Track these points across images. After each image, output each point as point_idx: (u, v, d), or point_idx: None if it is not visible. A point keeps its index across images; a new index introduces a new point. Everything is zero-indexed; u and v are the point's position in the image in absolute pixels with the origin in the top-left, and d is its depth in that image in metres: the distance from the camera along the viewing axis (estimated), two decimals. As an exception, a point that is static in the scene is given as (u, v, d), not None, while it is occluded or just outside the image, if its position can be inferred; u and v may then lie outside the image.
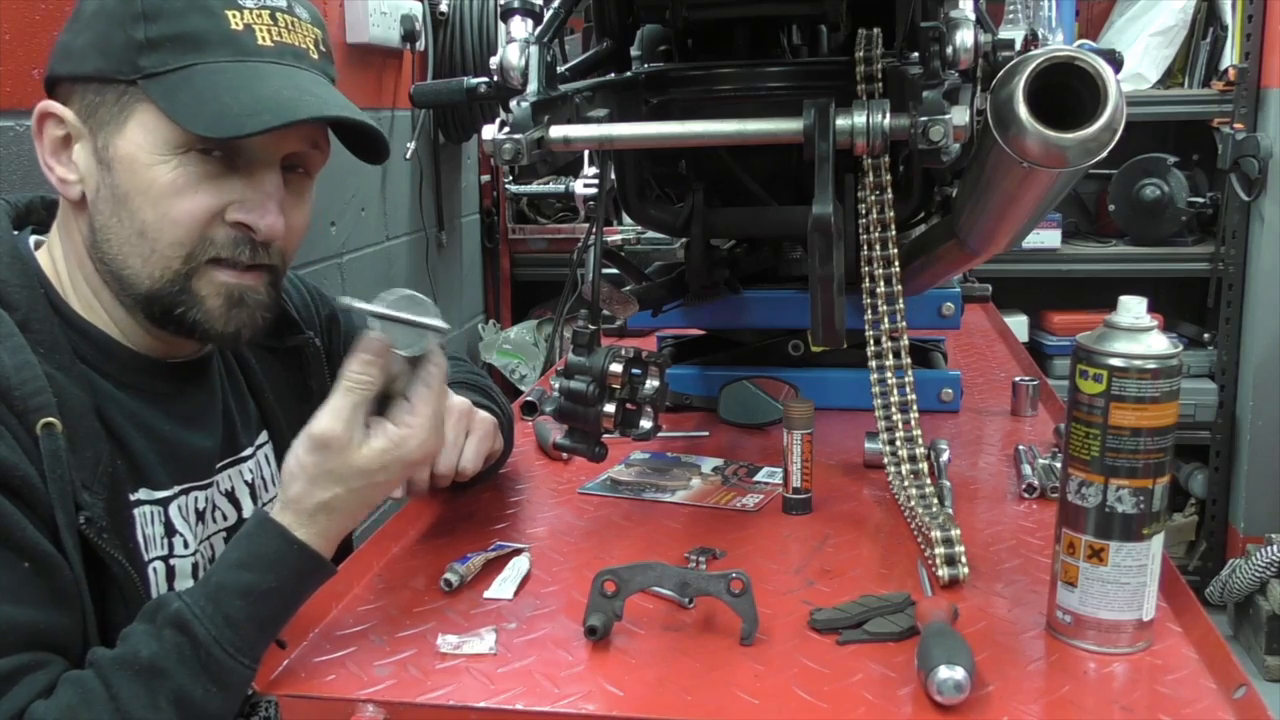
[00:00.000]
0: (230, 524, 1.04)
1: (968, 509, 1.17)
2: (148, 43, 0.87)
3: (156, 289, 0.92)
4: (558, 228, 3.52)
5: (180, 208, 0.90)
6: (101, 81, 0.89)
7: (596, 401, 1.09)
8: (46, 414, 0.84)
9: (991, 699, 0.80)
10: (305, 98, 0.91)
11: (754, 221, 1.46)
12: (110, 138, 0.90)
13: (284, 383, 1.14)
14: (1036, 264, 3.28)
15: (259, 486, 1.09)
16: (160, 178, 0.89)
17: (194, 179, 0.90)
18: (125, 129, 0.89)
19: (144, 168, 0.89)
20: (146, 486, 0.95)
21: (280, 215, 0.93)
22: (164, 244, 0.90)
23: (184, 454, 0.99)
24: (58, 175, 0.92)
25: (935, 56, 1.07)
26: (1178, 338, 3.26)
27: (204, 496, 1.01)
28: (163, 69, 0.88)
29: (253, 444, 1.10)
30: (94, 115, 0.90)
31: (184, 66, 0.88)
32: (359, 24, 2.49)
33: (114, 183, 0.90)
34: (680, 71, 1.34)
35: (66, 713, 0.76)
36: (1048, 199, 1.00)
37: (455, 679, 0.85)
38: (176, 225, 0.90)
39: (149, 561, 0.94)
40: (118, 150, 0.90)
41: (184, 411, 1.00)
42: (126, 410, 0.94)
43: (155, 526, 0.95)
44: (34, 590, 0.81)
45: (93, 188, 0.91)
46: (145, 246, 0.91)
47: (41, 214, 1.01)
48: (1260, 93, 3.06)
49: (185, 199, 0.90)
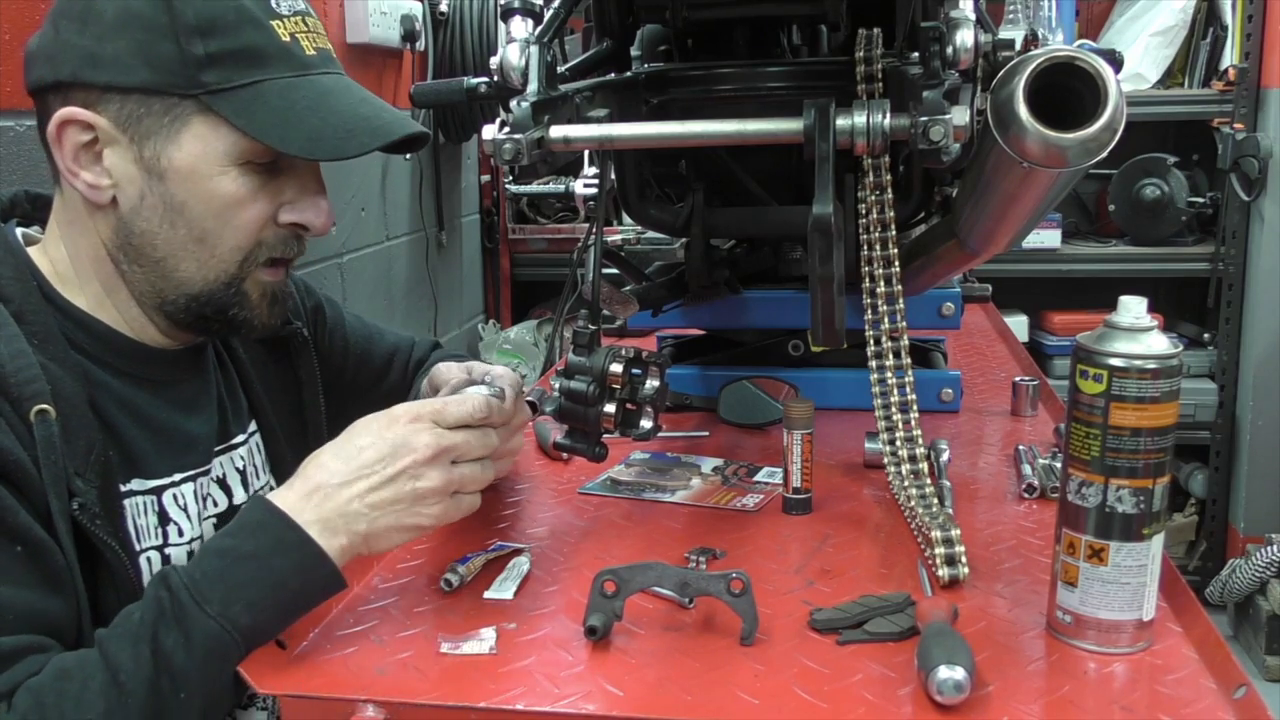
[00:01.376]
0: (221, 510, 1.05)
1: (968, 509, 1.17)
2: (208, 58, 0.89)
3: (208, 290, 0.96)
4: (558, 228, 3.52)
5: (242, 217, 0.95)
6: (147, 93, 0.90)
7: (597, 401, 1.09)
8: (40, 401, 0.85)
9: (991, 699, 0.80)
10: (383, 115, 0.97)
11: (754, 221, 1.46)
12: (161, 148, 0.91)
13: (272, 372, 1.16)
14: (1036, 264, 3.29)
15: (250, 474, 1.10)
16: (221, 189, 0.93)
17: (253, 188, 0.94)
18: (180, 140, 0.91)
19: (204, 179, 0.92)
20: (139, 477, 0.96)
21: (331, 210, 1.00)
22: (224, 249, 0.95)
23: (183, 440, 1.01)
24: (85, 180, 0.93)
25: (935, 56, 1.07)
26: (1178, 338, 3.26)
27: (206, 483, 1.03)
28: (228, 85, 0.90)
29: (244, 431, 1.11)
30: (137, 124, 0.91)
31: (251, 83, 0.91)
32: (359, 24, 2.49)
33: (168, 192, 0.92)
34: (680, 71, 1.34)
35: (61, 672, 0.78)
36: (1048, 199, 1.00)
37: (455, 679, 0.85)
38: (238, 232, 0.95)
39: (141, 551, 0.95)
40: (173, 161, 0.91)
41: (181, 398, 1.02)
42: (122, 399, 0.96)
43: (148, 517, 0.96)
44: (27, 574, 0.82)
45: (134, 194, 0.93)
46: (204, 252, 0.95)
47: (26, 207, 1.03)
48: (1260, 93, 3.06)
49: (246, 208, 0.94)
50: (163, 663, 0.79)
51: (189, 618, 0.80)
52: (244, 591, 0.83)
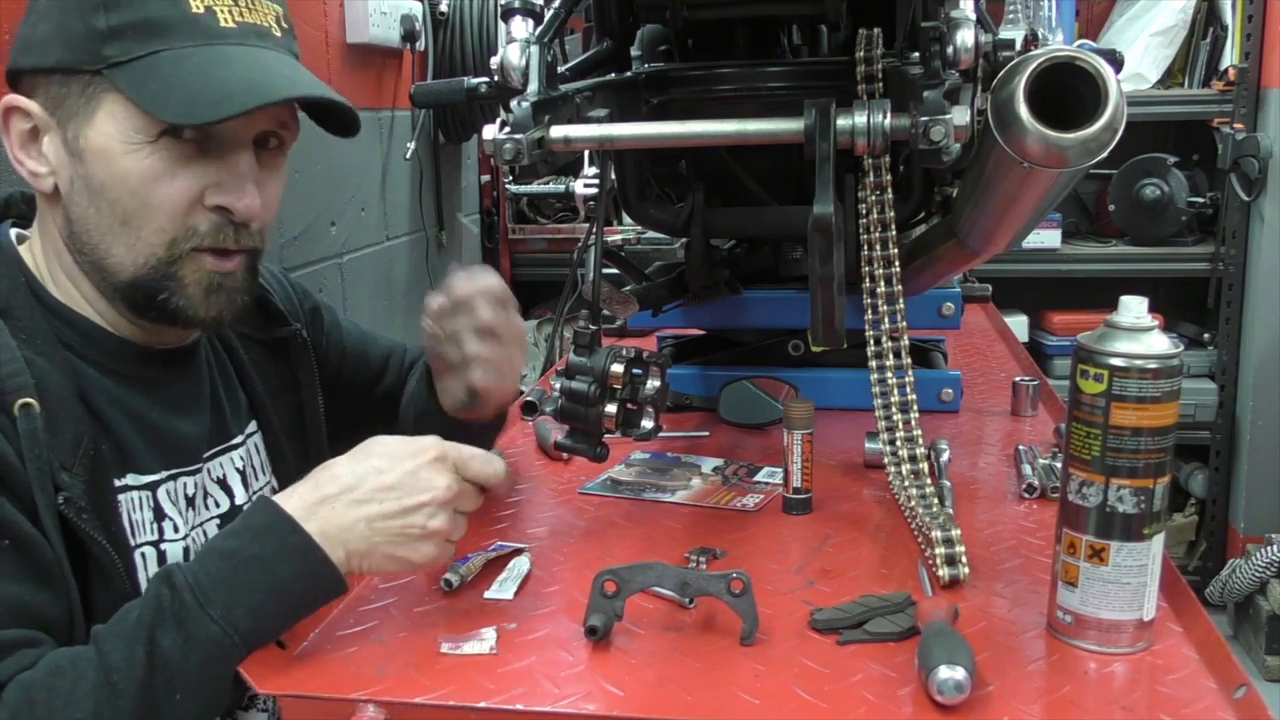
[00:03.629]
0: (223, 511, 1.05)
1: (968, 509, 1.17)
2: (110, 31, 0.88)
3: (139, 276, 0.93)
4: (558, 228, 3.52)
5: (159, 194, 0.91)
6: (65, 73, 0.90)
7: (598, 402, 1.09)
8: (24, 394, 0.85)
9: (991, 699, 0.80)
10: (274, 79, 0.92)
11: (754, 221, 1.46)
12: (80, 129, 0.90)
13: (272, 373, 1.16)
14: (1036, 264, 3.28)
15: (250, 474, 1.10)
16: (135, 166, 0.90)
17: (169, 164, 0.91)
18: (94, 119, 0.90)
19: (118, 157, 0.90)
20: (134, 471, 0.96)
21: (257, 195, 0.95)
22: (148, 231, 0.92)
23: (171, 439, 1.00)
24: (28, 169, 0.93)
25: (936, 56, 1.07)
26: (1178, 338, 3.26)
27: (193, 482, 1.02)
28: (127, 57, 0.88)
29: (243, 432, 1.11)
30: (61, 107, 0.90)
31: (149, 54, 0.88)
32: (359, 24, 2.49)
33: (88, 173, 0.91)
34: (680, 71, 1.34)
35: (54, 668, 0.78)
36: (1048, 199, 1.00)
37: (455, 679, 0.85)
38: (158, 211, 0.91)
39: (136, 547, 0.94)
40: (89, 141, 0.90)
41: (170, 398, 1.01)
42: (111, 395, 0.95)
43: (143, 512, 0.96)
44: (14, 568, 0.82)
45: (66, 179, 0.92)
46: (130, 235, 0.92)
47: (21, 207, 1.02)
48: (1260, 93, 3.06)
49: (163, 185, 0.91)
50: (158, 663, 0.79)
51: (191, 619, 0.80)
52: (248, 595, 0.83)
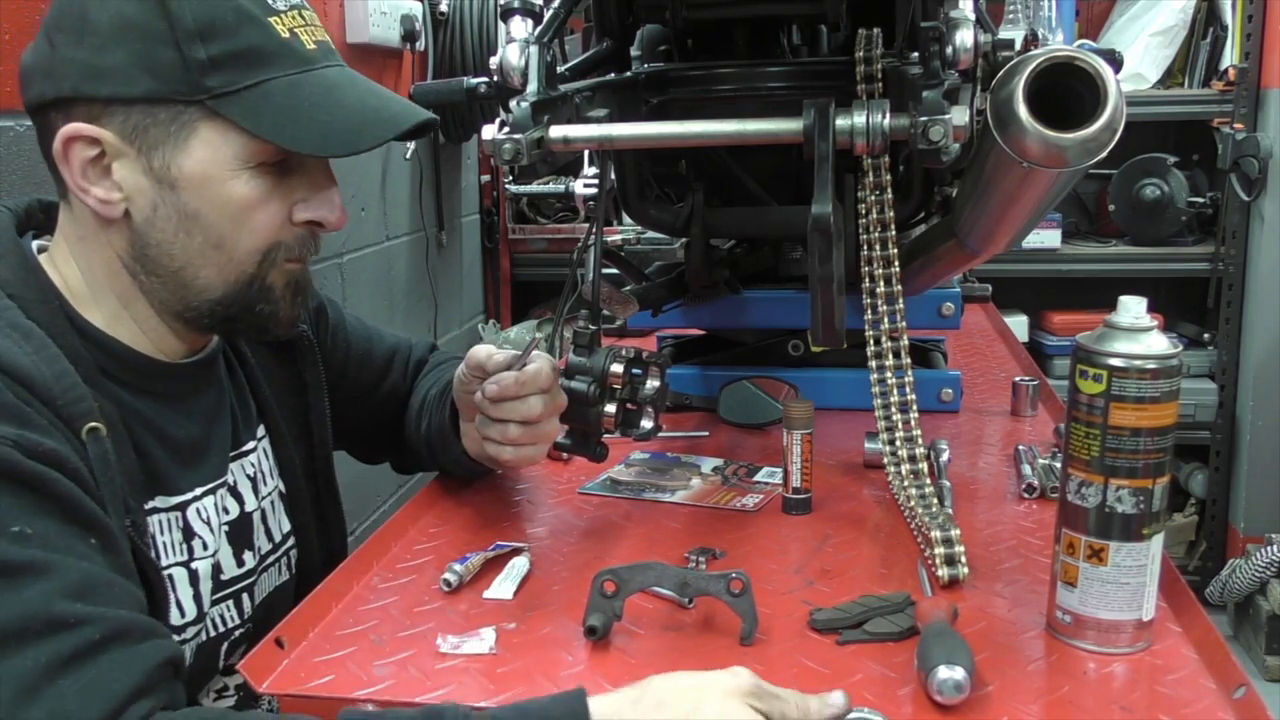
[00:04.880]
0: (233, 517, 1.04)
1: (968, 509, 1.17)
2: (210, 62, 0.88)
3: (231, 293, 0.95)
4: (558, 228, 3.52)
5: (258, 219, 0.93)
6: (151, 102, 0.89)
7: (597, 402, 1.09)
8: (91, 419, 0.84)
9: (991, 699, 0.80)
10: (392, 106, 0.96)
11: (754, 221, 1.46)
12: (171, 157, 0.90)
13: (279, 376, 1.15)
14: (1036, 264, 3.28)
15: (259, 480, 1.10)
16: (235, 193, 0.91)
17: (266, 190, 0.93)
18: (189, 148, 0.90)
19: (217, 185, 0.91)
20: (162, 494, 0.95)
21: (342, 208, 0.99)
22: (241, 253, 0.94)
23: (202, 453, 1.01)
24: (96, 196, 0.91)
25: (935, 56, 1.07)
26: (1178, 338, 3.26)
27: (223, 494, 1.03)
28: (233, 88, 0.89)
29: (254, 437, 1.10)
30: (144, 135, 0.89)
31: (256, 84, 0.89)
32: (359, 24, 2.49)
33: (181, 201, 0.91)
34: (680, 71, 1.34)
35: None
36: (1048, 199, 1.00)
37: (455, 679, 0.85)
38: (254, 235, 0.94)
39: (165, 569, 0.94)
40: (183, 170, 0.90)
41: (198, 410, 1.02)
42: (143, 418, 0.95)
43: (172, 534, 0.96)
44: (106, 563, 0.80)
45: (146, 205, 0.91)
46: (222, 257, 0.94)
47: (40, 217, 1.01)
48: (1260, 93, 3.06)
49: (261, 211, 0.93)
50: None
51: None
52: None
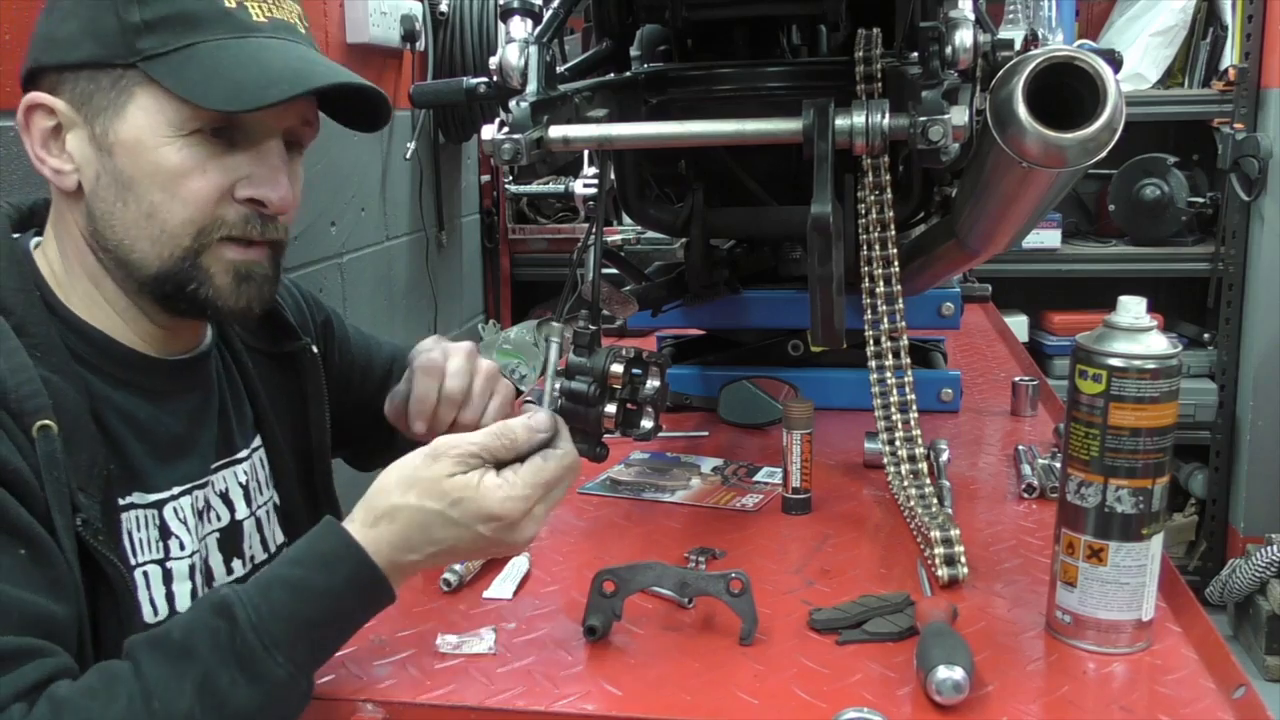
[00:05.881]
0: (223, 525, 1.04)
1: (967, 509, 1.17)
2: (144, 25, 0.88)
3: (166, 268, 0.93)
4: (558, 228, 3.52)
5: (190, 188, 0.91)
6: (95, 68, 0.89)
7: (598, 402, 1.08)
8: (42, 416, 0.83)
9: (991, 699, 0.80)
10: (315, 67, 0.93)
11: (754, 221, 1.46)
12: (110, 123, 0.90)
13: (279, 387, 1.14)
14: (1036, 264, 3.28)
15: (253, 489, 1.08)
16: (167, 159, 0.90)
17: (201, 158, 0.91)
18: (125, 113, 0.90)
19: (149, 150, 0.90)
20: (139, 490, 0.95)
21: (289, 186, 0.95)
22: (174, 224, 0.91)
23: (182, 452, 0.99)
24: (51, 166, 0.92)
25: (935, 56, 1.07)
26: (1178, 338, 3.26)
27: (202, 496, 1.01)
28: (164, 49, 0.88)
29: (248, 446, 1.09)
30: (89, 102, 0.90)
31: (185, 46, 0.89)
32: (359, 24, 2.49)
33: (116, 168, 0.90)
34: (680, 71, 1.34)
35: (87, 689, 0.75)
36: (1047, 199, 1.00)
37: (455, 679, 0.85)
38: (187, 205, 0.91)
39: (138, 565, 0.93)
40: (119, 135, 0.90)
41: (182, 409, 1.00)
42: (122, 411, 0.94)
43: (148, 530, 0.95)
44: (31, 577, 0.80)
45: (91, 175, 0.92)
46: (154, 228, 0.91)
47: (44, 215, 1.01)
48: (1260, 93, 3.06)
49: (194, 179, 0.91)
50: (210, 700, 0.75)
51: (256, 661, 0.76)
52: (313, 631, 0.79)
